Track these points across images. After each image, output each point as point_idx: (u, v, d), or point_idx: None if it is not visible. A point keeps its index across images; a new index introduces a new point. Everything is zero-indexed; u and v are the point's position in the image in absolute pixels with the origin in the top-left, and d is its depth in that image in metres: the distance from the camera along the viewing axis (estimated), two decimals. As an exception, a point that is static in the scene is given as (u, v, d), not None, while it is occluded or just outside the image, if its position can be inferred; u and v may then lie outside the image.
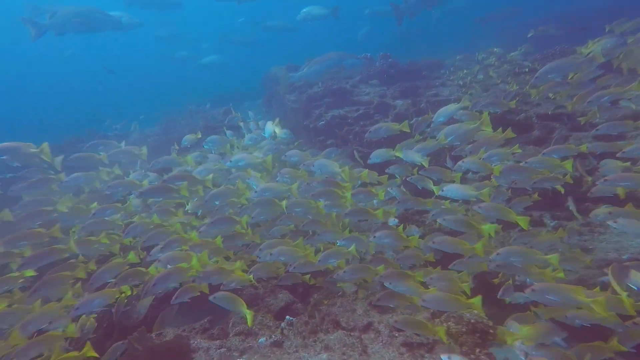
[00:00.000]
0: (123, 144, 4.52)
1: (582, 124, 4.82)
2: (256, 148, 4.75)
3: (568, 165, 3.51)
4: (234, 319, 3.14)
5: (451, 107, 3.88)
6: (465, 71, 7.96)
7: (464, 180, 4.41)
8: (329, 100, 8.07)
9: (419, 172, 3.73)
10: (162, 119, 11.73)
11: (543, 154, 3.69)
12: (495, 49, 8.08)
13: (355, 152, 6.05)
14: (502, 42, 9.13)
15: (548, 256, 2.54)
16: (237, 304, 2.59)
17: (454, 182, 3.56)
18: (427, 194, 3.78)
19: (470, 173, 5.09)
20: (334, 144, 7.09)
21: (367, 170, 4.01)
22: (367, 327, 2.59)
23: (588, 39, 4.72)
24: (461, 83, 7.71)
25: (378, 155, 3.93)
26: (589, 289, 2.35)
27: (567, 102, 4.54)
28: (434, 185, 3.58)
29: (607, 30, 5.74)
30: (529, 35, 6.02)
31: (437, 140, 3.58)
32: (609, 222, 2.86)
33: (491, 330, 2.41)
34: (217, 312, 3.16)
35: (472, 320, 2.41)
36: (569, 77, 4.19)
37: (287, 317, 2.98)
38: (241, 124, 5.73)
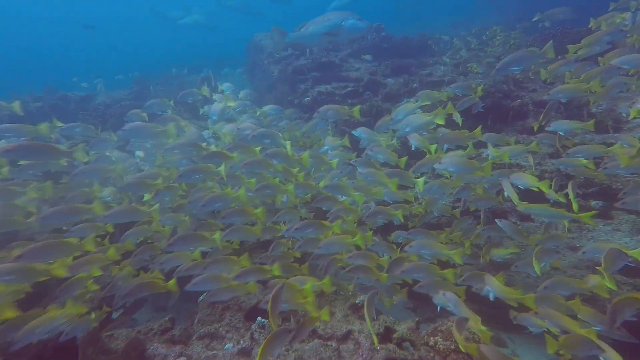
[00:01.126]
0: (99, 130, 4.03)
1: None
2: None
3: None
4: (200, 314, 2.86)
5: (409, 106, 3.86)
6: (463, 51, 7.54)
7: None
8: (316, 74, 7.53)
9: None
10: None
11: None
12: (496, 28, 7.66)
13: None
14: (501, 19, 8.68)
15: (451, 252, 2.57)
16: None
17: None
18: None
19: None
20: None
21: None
22: (346, 336, 2.37)
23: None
24: (456, 63, 7.33)
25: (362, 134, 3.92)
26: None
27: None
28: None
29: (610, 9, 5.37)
30: (533, 19, 5.64)
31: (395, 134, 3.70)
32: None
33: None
34: (182, 308, 2.85)
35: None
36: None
37: (259, 318, 2.71)
38: (215, 96, 5.18)
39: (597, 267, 2.52)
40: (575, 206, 3.07)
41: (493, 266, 3.87)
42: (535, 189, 3.16)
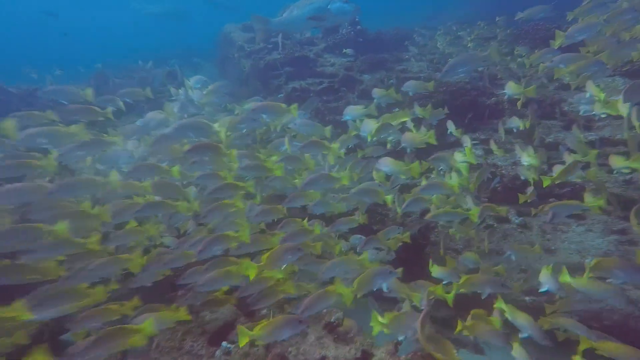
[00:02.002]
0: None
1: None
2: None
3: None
4: (158, 339, 2.62)
5: (358, 110, 3.92)
6: (439, 43, 7.45)
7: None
8: (290, 69, 7.25)
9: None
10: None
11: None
12: (480, 23, 7.57)
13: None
14: (475, 11, 8.65)
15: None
16: None
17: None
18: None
19: None
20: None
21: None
22: (319, 365, 2.21)
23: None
24: (432, 58, 7.25)
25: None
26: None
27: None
28: None
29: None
30: (516, 18, 5.61)
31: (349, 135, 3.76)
32: None
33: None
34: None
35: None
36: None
37: (224, 343, 2.50)
38: (180, 91, 4.79)
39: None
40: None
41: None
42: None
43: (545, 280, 2.47)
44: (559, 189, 4.34)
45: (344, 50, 7.30)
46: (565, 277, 2.37)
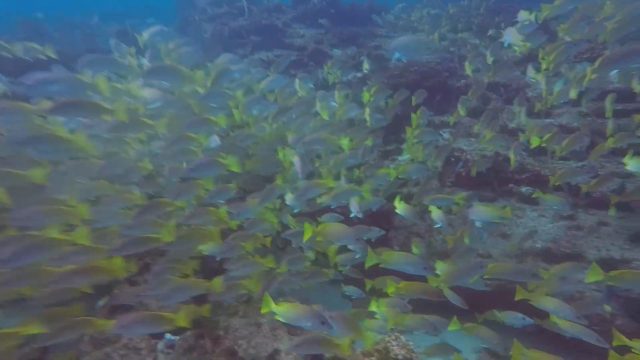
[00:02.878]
0: None
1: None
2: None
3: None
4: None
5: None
6: (413, 19, 7.24)
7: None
8: (256, 38, 6.80)
9: None
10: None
11: None
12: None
13: None
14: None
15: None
16: None
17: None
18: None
19: None
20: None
21: None
22: (271, 359, 2.14)
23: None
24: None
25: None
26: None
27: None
28: None
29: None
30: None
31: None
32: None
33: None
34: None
35: (400, 358, 2.11)
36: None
37: (167, 335, 2.36)
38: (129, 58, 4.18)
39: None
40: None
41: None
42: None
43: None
44: (518, 175, 4.49)
45: (320, 21, 6.91)
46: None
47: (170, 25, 10.04)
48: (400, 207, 3.05)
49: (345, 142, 3.23)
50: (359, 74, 5.90)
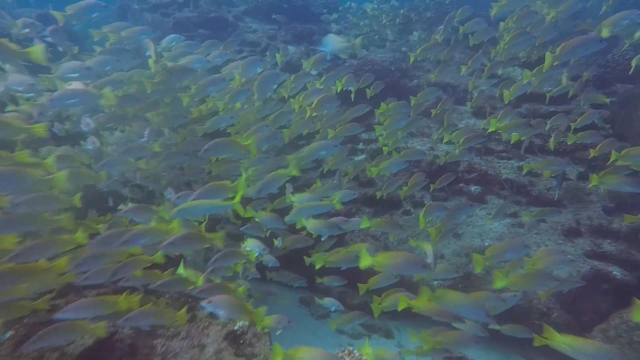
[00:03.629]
0: None
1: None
2: None
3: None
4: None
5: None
6: (368, 20, 7.26)
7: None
8: (204, 32, 6.40)
9: None
10: None
11: None
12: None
13: None
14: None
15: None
16: None
17: None
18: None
19: None
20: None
21: None
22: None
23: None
24: (358, 33, 7.08)
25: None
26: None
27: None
28: None
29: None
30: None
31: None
32: None
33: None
34: None
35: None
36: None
37: None
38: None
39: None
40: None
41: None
42: None
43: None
44: (467, 174, 4.71)
45: (274, 16, 6.67)
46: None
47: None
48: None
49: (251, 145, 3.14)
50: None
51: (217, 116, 3.45)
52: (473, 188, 4.56)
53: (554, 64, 2.99)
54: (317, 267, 2.75)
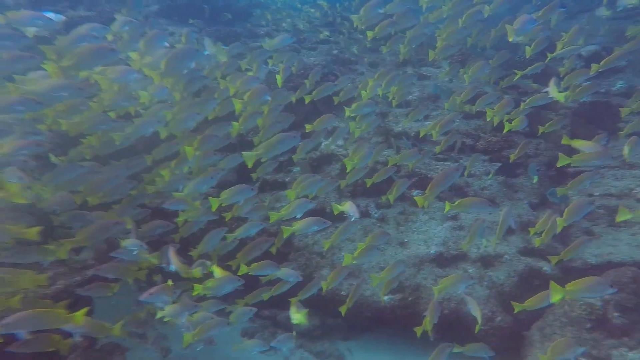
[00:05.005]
0: None
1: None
2: None
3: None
4: None
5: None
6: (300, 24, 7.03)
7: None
8: (111, 37, 5.60)
9: None
10: None
11: None
12: None
13: None
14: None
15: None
16: None
17: None
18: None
19: None
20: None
21: None
22: None
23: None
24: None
25: None
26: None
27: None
28: None
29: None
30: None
31: None
32: None
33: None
34: None
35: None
36: None
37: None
38: None
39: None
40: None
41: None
42: None
43: None
44: (409, 179, 4.80)
45: (191, 21, 6.07)
46: None
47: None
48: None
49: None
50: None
51: (140, 120, 3.07)
52: (415, 192, 4.68)
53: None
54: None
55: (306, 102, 4.36)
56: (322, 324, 4.02)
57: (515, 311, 2.62)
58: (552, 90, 3.57)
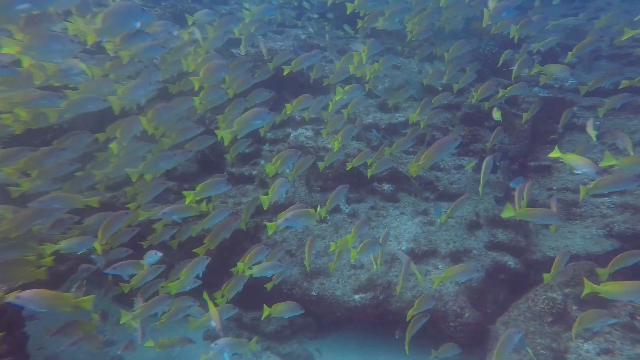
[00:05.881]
0: None
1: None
2: None
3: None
4: None
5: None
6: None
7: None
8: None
9: None
10: None
11: None
12: None
13: None
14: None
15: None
16: None
17: None
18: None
19: None
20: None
21: None
22: None
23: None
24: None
25: None
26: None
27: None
28: None
29: None
30: None
31: None
32: None
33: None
34: None
35: None
36: None
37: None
38: None
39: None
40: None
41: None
42: None
43: None
44: (379, 173, 4.77)
45: None
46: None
47: None
48: None
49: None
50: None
51: (79, 96, 2.88)
52: (386, 187, 4.66)
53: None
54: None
55: (285, 73, 4.42)
56: (291, 324, 3.95)
57: None
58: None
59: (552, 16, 7.03)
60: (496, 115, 4.38)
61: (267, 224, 2.97)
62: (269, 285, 3.21)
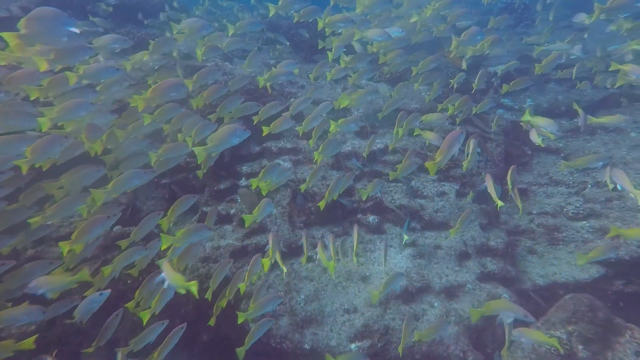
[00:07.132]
0: None
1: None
2: None
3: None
4: None
5: None
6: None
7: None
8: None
9: None
10: None
11: None
12: None
13: None
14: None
15: None
16: None
17: None
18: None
19: None
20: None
21: None
22: None
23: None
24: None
25: None
26: None
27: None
28: None
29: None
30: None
31: None
32: None
33: None
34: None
35: None
36: None
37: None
38: None
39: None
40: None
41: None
42: None
43: None
44: (364, 204, 4.62)
45: (91, 18, 4.93)
46: None
47: None
48: None
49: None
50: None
51: None
52: (371, 218, 4.52)
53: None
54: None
55: (260, 85, 4.44)
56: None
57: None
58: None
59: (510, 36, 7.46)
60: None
61: (239, 313, 2.97)
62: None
